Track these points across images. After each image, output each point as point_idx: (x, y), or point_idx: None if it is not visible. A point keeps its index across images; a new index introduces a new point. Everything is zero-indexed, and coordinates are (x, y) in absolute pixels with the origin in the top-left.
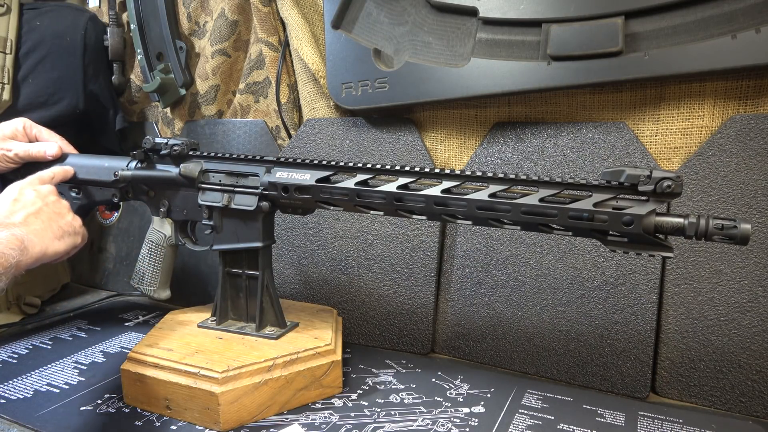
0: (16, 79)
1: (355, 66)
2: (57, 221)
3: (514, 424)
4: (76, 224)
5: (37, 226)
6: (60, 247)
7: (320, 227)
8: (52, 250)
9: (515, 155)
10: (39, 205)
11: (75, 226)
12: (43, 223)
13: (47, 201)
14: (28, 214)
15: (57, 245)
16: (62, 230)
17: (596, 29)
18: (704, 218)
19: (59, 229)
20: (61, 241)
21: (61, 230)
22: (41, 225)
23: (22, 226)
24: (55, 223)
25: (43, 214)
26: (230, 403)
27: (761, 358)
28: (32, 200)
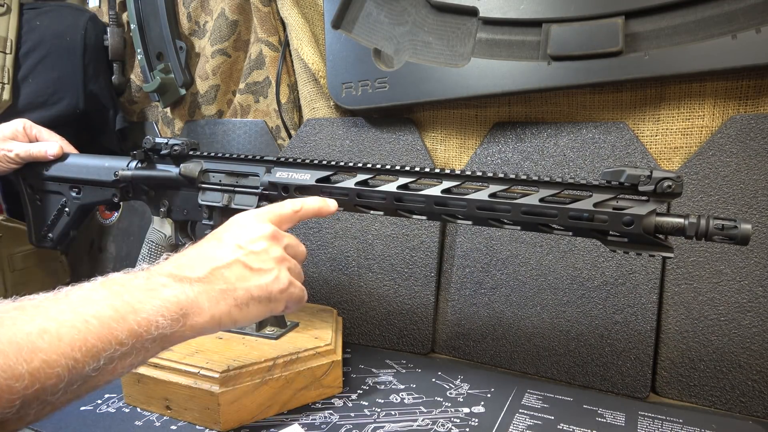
0: (16, 79)
1: (355, 66)
2: (248, 281)
3: (514, 424)
4: (275, 287)
5: (219, 285)
6: (239, 316)
7: (320, 227)
8: (227, 320)
9: (515, 155)
10: (236, 256)
11: (273, 290)
12: (227, 282)
13: (253, 249)
14: (215, 267)
15: (236, 314)
16: (250, 295)
17: (596, 29)
18: (704, 218)
19: (246, 292)
20: (242, 310)
21: (248, 294)
22: (224, 285)
23: (199, 284)
24: (244, 283)
25: (235, 269)
26: (230, 403)
27: (761, 358)
28: (233, 247)
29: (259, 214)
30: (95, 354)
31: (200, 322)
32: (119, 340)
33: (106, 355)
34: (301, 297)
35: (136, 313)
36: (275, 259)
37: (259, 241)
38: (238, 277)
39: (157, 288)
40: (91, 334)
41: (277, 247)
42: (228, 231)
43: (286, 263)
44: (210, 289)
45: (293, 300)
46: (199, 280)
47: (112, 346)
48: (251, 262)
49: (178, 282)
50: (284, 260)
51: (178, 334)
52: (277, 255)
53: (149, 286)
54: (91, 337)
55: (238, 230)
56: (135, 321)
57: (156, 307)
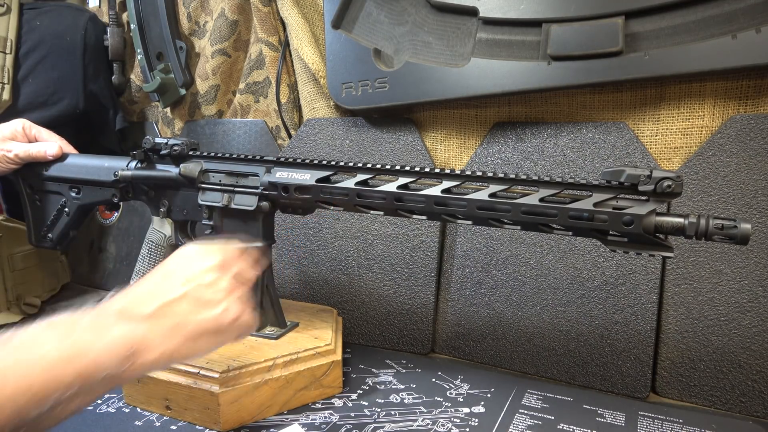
0: (16, 79)
1: (355, 66)
2: (198, 314)
3: (514, 424)
4: (226, 319)
5: (169, 321)
6: (190, 351)
7: (320, 227)
8: (178, 356)
9: (515, 155)
10: (185, 289)
11: (223, 322)
12: (177, 317)
13: (201, 281)
14: (164, 303)
15: (186, 349)
16: (200, 328)
17: (596, 29)
18: (704, 218)
19: (197, 326)
20: (193, 344)
21: (198, 328)
22: (175, 320)
23: (148, 321)
24: (194, 316)
25: (185, 303)
26: (230, 403)
27: (761, 358)
28: (182, 280)
29: (206, 245)
30: (41, 399)
31: (150, 360)
32: (66, 384)
33: (53, 399)
34: (251, 325)
35: (84, 355)
36: (225, 290)
37: (207, 274)
38: (188, 311)
39: (105, 327)
40: (37, 378)
41: (226, 278)
42: (176, 264)
43: (237, 292)
44: (159, 326)
45: (244, 328)
46: (148, 317)
47: (59, 390)
48: (200, 295)
49: (127, 320)
50: (234, 290)
51: (127, 373)
52: (226, 286)
53: (97, 326)
54: (36, 381)
55: (185, 263)
56: (82, 363)
57: (104, 347)
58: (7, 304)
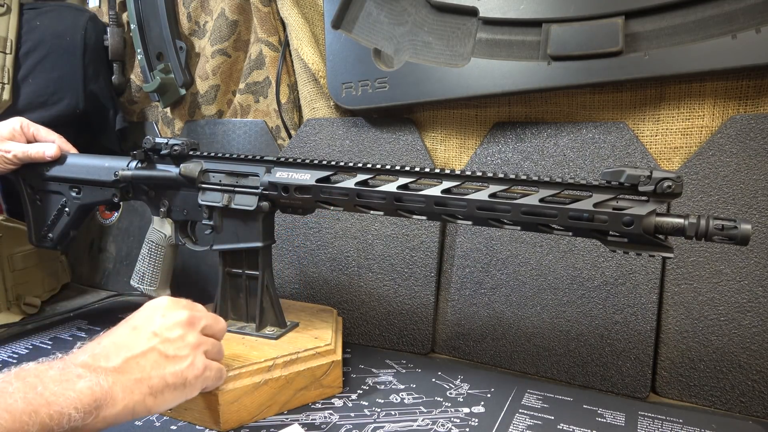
0: (16, 79)
1: (355, 66)
2: (163, 369)
3: (514, 424)
4: (191, 373)
5: (134, 375)
6: (153, 404)
7: (320, 227)
8: (141, 409)
9: (515, 155)
10: (152, 344)
11: (188, 376)
12: (142, 371)
13: (168, 336)
14: (130, 357)
15: (150, 403)
16: (165, 382)
17: (596, 29)
18: (704, 218)
19: (161, 380)
20: (157, 398)
21: (163, 382)
22: (138, 374)
23: (114, 374)
24: (159, 371)
25: (150, 357)
26: (230, 403)
27: (761, 358)
28: (149, 335)
29: (175, 300)
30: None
31: (113, 413)
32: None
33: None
34: (218, 378)
35: (49, 406)
36: (191, 346)
37: (174, 329)
38: (153, 365)
39: (71, 379)
40: (2, 429)
41: (193, 333)
42: (143, 318)
43: (203, 347)
44: (124, 380)
45: (210, 381)
46: (113, 371)
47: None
48: (166, 349)
49: (93, 372)
50: (200, 345)
51: (89, 426)
52: (192, 341)
53: (64, 377)
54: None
55: (153, 317)
56: (47, 414)
57: (70, 399)
58: (7, 304)
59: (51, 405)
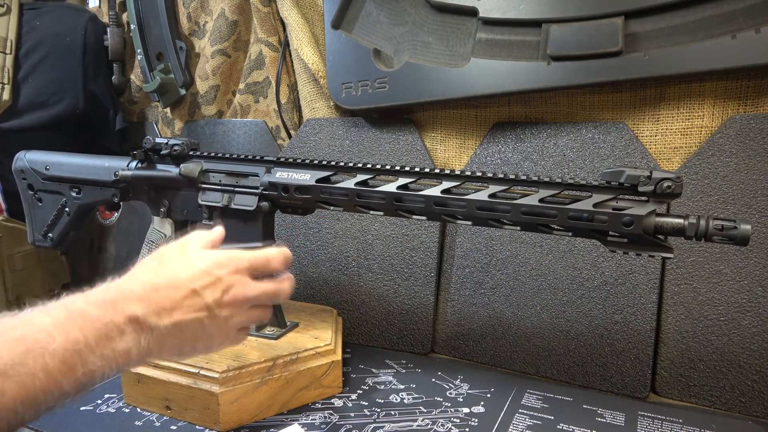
0: (16, 79)
1: (355, 66)
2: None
3: (514, 424)
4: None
5: (174, 340)
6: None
7: (320, 227)
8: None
9: (515, 155)
10: (200, 316)
11: (215, 348)
12: (182, 339)
13: (216, 314)
14: (177, 323)
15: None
16: (193, 351)
17: (596, 29)
18: (704, 219)
19: (191, 350)
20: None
21: (192, 351)
22: (177, 341)
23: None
24: (195, 343)
25: (193, 329)
26: (230, 403)
27: (761, 358)
28: (202, 306)
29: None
30: (37, 405)
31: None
32: (64, 392)
33: (48, 403)
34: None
35: (85, 365)
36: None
37: (226, 308)
38: (193, 337)
39: (114, 337)
40: (38, 389)
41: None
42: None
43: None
44: (163, 343)
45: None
46: (158, 336)
47: (56, 397)
48: (210, 326)
49: (140, 332)
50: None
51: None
52: (237, 321)
53: (107, 330)
54: (37, 392)
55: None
56: (82, 373)
57: (107, 358)
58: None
59: (87, 364)
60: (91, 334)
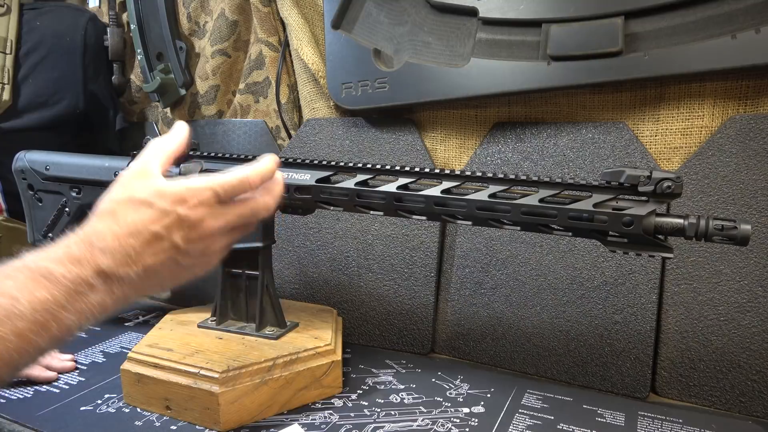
0: (16, 79)
1: (355, 66)
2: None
3: (514, 424)
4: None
5: (150, 281)
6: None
7: (320, 227)
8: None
9: (515, 155)
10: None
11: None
12: (159, 278)
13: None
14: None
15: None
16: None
17: (596, 29)
18: (704, 219)
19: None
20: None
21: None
22: (155, 281)
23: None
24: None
25: (167, 267)
26: (230, 403)
27: (761, 358)
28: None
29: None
30: (14, 365)
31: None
32: (40, 348)
33: (26, 360)
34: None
35: (59, 321)
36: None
37: (198, 243)
38: (170, 275)
39: (84, 291)
40: (12, 351)
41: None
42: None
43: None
44: (140, 286)
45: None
46: (132, 284)
47: (33, 354)
48: (185, 261)
49: (111, 284)
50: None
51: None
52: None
53: (76, 286)
54: (11, 353)
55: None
56: (57, 329)
57: (81, 312)
58: None
59: (60, 321)
60: (59, 292)
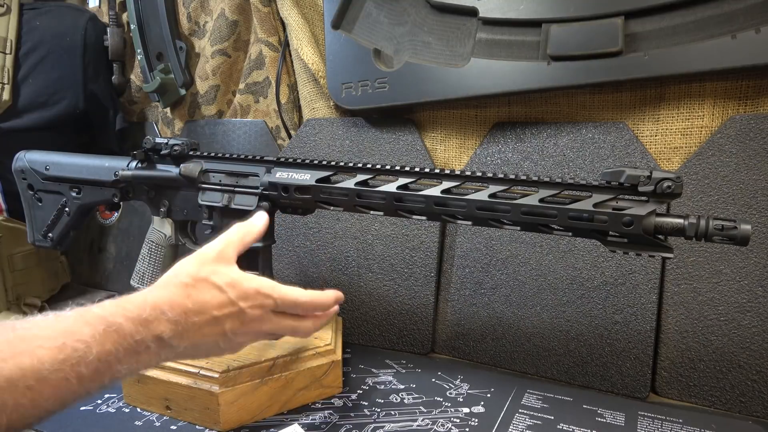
0: (16, 79)
1: (355, 66)
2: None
3: (514, 424)
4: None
5: (186, 354)
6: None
7: (320, 227)
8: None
9: (515, 155)
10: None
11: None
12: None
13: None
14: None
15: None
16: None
17: (596, 29)
18: (704, 219)
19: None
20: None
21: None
22: (189, 354)
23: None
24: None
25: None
26: (230, 403)
27: (761, 358)
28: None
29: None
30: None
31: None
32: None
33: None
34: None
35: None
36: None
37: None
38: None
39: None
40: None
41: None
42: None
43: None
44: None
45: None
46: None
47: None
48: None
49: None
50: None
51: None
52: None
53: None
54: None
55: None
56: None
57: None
58: (7, 305)
59: (113, 373)
60: (122, 348)
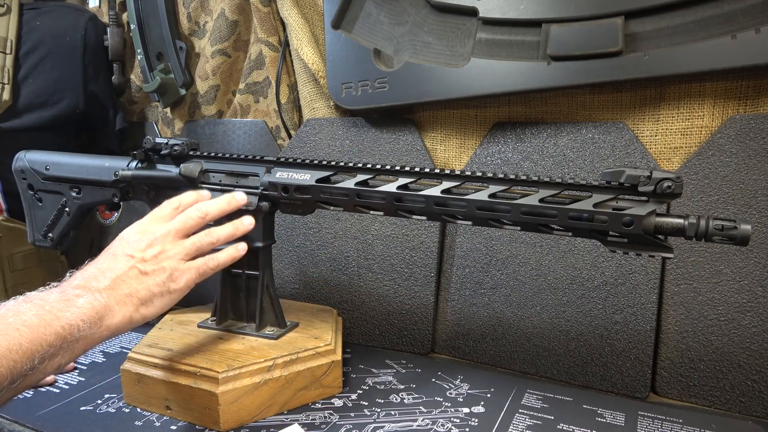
0: (16, 79)
1: (355, 66)
2: (146, 283)
3: (514, 424)
4: (171, 283)
5: (123, 290)
6: (145, 313)
7: (320, 227)
8: (138, 317)
9: (515, 155)
10: (130, 264)
11: (170, 285)
12: (129, 287)
13: (143, 256)
14: (117, 276)
15: (142, 312)
16: (151, 293)
17: (596, 29)
18: (704, 219)
19: (147, 292)
20: (149, 306)
21: (149, 293)
22: (127, 290)
23: (107, 291)
24: (144, 284)
25: (132, 275)
26: (230, 403)
27: (761, 358)
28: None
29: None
30: (30, 355)
31: (114, 323)
32: (48, 342)
33: (39, 355)
34: (193, 277)
35: (59, 320)
36: (162, 259)
37: (148, 249)
38: (136, 281)
39: (71, 299)
40: (24, 339)
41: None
42: (119, 246)
43: (175, 257)
44: (116, 295)
45: (192, 279)
46: (105, 289)
47: (43, 348)
48: (144, 268)
49: (88, 292)
50: (170, 257)
51: (97, 335)
52: (165, 255)
53: (65, 297)
54: (24, 341)
55: (126, 244)
56: (59, 326)
57: (75, 314)
58: None
59: (60, 319)
60: (51, 299)
